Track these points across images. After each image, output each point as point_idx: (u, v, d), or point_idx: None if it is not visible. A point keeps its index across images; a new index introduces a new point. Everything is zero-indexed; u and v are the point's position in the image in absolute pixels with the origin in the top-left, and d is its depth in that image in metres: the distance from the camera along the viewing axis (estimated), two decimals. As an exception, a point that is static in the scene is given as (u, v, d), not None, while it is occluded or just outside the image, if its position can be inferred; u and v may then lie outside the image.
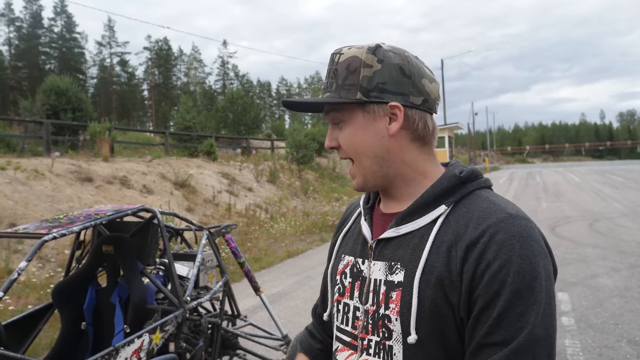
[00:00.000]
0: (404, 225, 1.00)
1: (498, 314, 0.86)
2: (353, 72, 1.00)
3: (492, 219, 0.91)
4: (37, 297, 5.88)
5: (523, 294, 0.86)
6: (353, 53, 1.01)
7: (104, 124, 14.40)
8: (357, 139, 1.02)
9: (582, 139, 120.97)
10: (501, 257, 0.87)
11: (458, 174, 1.01)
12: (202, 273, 3.29)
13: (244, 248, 9.12)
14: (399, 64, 1.00)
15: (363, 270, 1.05)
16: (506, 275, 0.86)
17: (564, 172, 39.03)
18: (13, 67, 62.65)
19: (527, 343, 0.84)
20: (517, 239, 0.88)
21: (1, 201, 7.88)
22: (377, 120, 1.01)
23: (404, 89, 1.00)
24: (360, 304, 1.03)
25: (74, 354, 2.69)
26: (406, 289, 0.94)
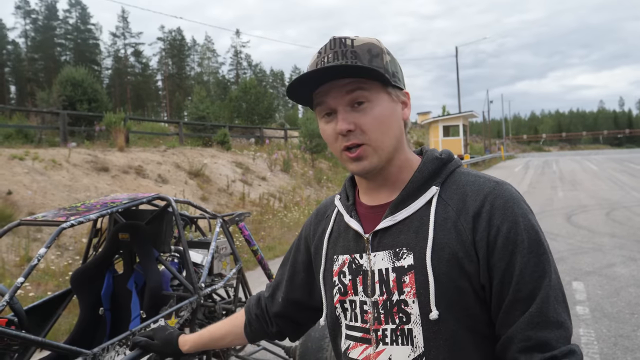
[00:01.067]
0: (399, 212, 1.03)
1: (520, 270, 0.95)
2: (376, 56, 1.02)
3: (486, 189, 1.00)
4: (56, 284, 5.99)
5: (534, 247, 0.96)
6: (368, 40, 1.04)
7: (119, 115, 14.54)
8: (385, 119, 1.01)
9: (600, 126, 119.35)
10: (507, 220, 0.96)
11: (439, 156, 1.08)
12: (216, 260, 3.33)
13: (257, 237, 9.18)
14: (396, 60, 1.08)
15: (363, 264, 1.06)
16: (516, 234, 0.95)
17: (581, 160, 38.58)
18: (29, 58, 63.36)
19: (550, 289, 0.94)
20: (512, 201, 0.99)
21: (20, 191, 8.02)
22: (397, 104, 1.06)
23: (404, 82, 1.09)
24: (366, 297, 1.04)
25: (92, 338, 2.75)
26: (419, 269, 0.97)
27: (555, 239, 8.44)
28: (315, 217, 1.26)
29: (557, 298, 0.94)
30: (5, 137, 12.91)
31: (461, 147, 31.62)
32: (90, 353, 2.14)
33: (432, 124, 33.72)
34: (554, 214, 11.41)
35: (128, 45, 72.12)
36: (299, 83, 1.01)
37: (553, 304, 0.93)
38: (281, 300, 1.30)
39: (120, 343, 2.29)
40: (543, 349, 0.91)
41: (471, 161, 29.91)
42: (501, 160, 43.66)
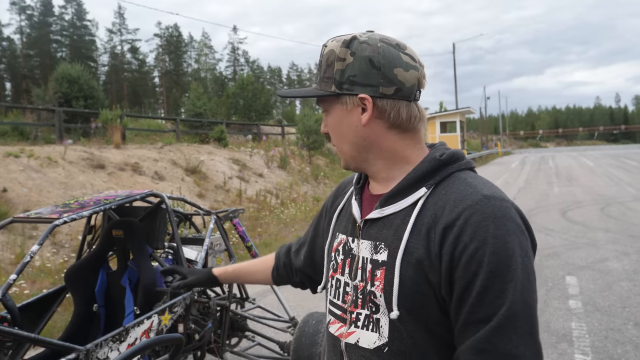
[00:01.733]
0: (388, 207, 1.05)
1: (478, 292, 0.90)
2: (330, 65, 1.05)
3: (468, 201, 0.95)
4: (52, 281, 6.00)
5: (500, 272, 0.89)
6: (332, 46, 1.06)
7: (115, 111, 14.51)
8: (337, 127, 1.09)
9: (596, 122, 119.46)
10: (477, 239, 0.91)
11: (438, 157, 1.04)
12: (210, 257, 3.35)
13: (254, 233, 9.20)
14: (369, 56, 1.02)
15: (353, 248, 1.10)
16: (482, 255, 0.90)
17: (577, 156, 38.67)
18: (25, 55, 63.03)
19: (507, 318, 0.89)
20: (491, 219, 0.92)
21: (15, 188, 8.02)
22: (351, 111, 1.05)
23: (372, 81, 1.02)
24: (350, 280, 1.09)
25: (86, 334, 2.77)
26: (389, 268, 0.99)
27: (550, 234, 8.49)
28: (337, 189, 1.32)
29: (517, 329, 0.89)
30: (1, 135, 12.89)
31: (458, 144, 31.67)
32: (84, 349, 2.16)
33: (429, 120, 33.73)
34: (549, 209, 11.45)
35: (124, 42, 71.83)
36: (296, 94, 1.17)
37: (508, 334, 0.88)
38: (303, 258, 1.40)
39: (113, 339, 2.31)
40: None
41: (468, 157, 29.88)
42: (498, 156, 43.71)
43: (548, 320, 4.58)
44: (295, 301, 5.36)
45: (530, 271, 0.93)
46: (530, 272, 0.93)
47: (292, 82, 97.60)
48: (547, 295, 5.28)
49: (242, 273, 1.61)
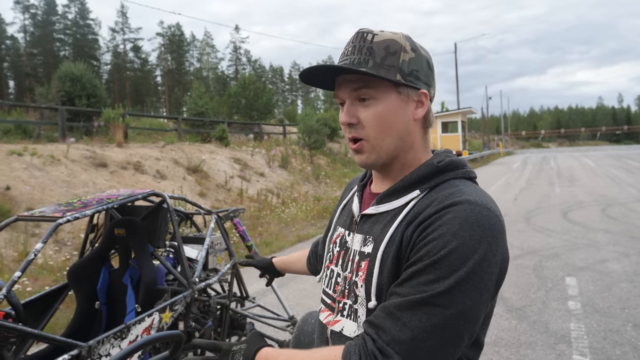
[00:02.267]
0: (383, 204, 1.09)
1: (412, 272, 0.93)
2: (393, 54, 1.04)
3: (449, 201, 0.97)
4: (54, 279, 6.04)
5: (440, 266, 0.90)
6: (391, 36, 1.06)
7: (117, 110, 14.56)
8: (386, 117, 1.05)
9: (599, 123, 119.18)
10: (437, 232, 0.93)
11: (436, 164, 1.07)
12: (210, 256, 3.38)
13: (255, 232, 9.24)
14: (427, 57, 1.09)
15: (348, 241, 1.16)
16: (434, 247, 0.92)
17: (579, 156, 38.62)
18: (28, 54, 63.18)
19: (421, 303, 0.89)
20: (460, 220, 0.93)
21: (18, 186, 8.06)
22: (407, 104, 1.07)
23: (429, 81, 1.09)
24: (341, 271, 1.14)
25: (88, 331, 2.80)
26: (372, 259, 1.04)
27: (550, 234, 8.50)
28: (347, 186, 1.38)
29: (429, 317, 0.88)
30: (4, 133, 12.94)
31: (459, 144, 31.69)
32: (86, 345, 2.19)
33: (430, 120, 33.72)
34: (550, 210, 11.46)
35: (127, 41, 71.94)
36: (311, 72, 1.09)
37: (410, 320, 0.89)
38: (320, 249, 1.48)
39: (115, 336, 2.35)
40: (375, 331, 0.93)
41: (470, 157, 29.96)
42: (500, 156, 43.68)
43: (547, 321, 4.61)
44: (294, 300, 5.40)
45: (482, 283, 0.91)
46: (481, 283, 0.91)
47: (294, 81, 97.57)
48: (547, 296, 5.30)
49: (290, 262, 1.81)
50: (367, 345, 0.92)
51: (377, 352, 0.90)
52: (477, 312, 0.92)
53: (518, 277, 5.97)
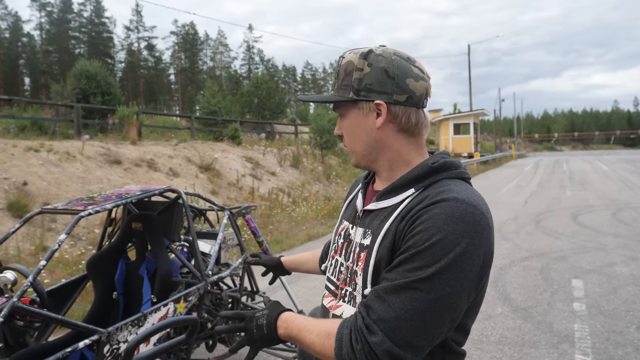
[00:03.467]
0: (382, 201, 1.21)
1: (399, 260, 1.05)
2: (348, 74, 1.20)
3: (438, 198, 1.07)
4: (70, 272, 6.20)
5: (424, 255, 1.01)
6: (350, 58, 1.21)
7: (131, 108, 14.76)
8: (352, 130, 1.24)
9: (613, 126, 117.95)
10: (423, 225, 1.04)
11: (430, 164, 1.18)
12: (223, 250, 3.50)
13: (265, 230, 9.36)
14: (385, 67, 1.17)
15: (351, 234, 1.28)
16: (420, 239, 1.03)
17: (592, 160, 38.35)
18: (44, 51, 63.98)
19: (405, 288, 1.01)
20: (445, 215, 1.03)
21: (35, 182, 8.26)
22: (367, 116, 1.20)
23: (387, 89, 1.17)
24: (344, 261, 1.27)
25: (106, 320, 2.93)
26: (369, 251, 1.16)
27: (559, 237, 8.53)
28: (353, 184, 1.51)
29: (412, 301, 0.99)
30: (21, 129, 13.18)
31: (471, 145, 31.63)
32: (105, 331, 2.31)
33: (442, 122, 33.72)
34: (560, 213, 11.47)
35: (141, 39, 72.56)
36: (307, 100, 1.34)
37: (394, 301, 1.01)
38: None
39: (132, 323, 2.47)
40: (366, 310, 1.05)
41: (481, 159, 29.89)
42: (512, 159, 43.49)
43: (551, 321, 4.67)
44: (303, 297, 5.50)
45: (463, 274, 1.01)
46: (463, 274, 1.01)
47: (306, 81, 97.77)
48: (552, 297, 5.36)
49: (300, 262, 1.87)
50: (357, 321, 1.05)
51: (364, 328, 1.03)
52: (456, 299, 1.02)
53: (525, 279, 6.03)
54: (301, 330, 1.13)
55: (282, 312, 1.19)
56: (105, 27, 68.75)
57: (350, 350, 1.02)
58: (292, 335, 1.15)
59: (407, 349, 1.00)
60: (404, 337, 1.00)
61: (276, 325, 1.17)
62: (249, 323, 1.19)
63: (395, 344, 0.99)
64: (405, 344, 1.00)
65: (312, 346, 1.10)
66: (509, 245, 8.04)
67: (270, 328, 1.16)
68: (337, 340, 1.05)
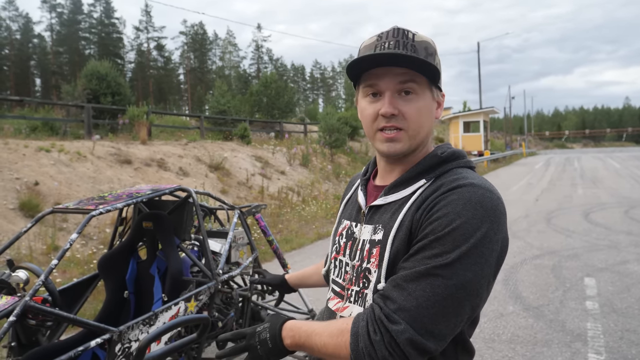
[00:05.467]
0: (391, 194, 1.18)
1: (418, 247, 1.02)
2: (431, 54, 1.14)
3: (454, 184, 1.06)
4: (81, 271, 6.24)
5: (444, 241, 0.98)
6: (426, 39, 1.16)
7: (141, 108, 14.83)
8: (423, 113, 1.14)
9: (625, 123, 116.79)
10: (442, 211, 1.02)
11: (440, 154, 1.17)
12: (233, 249, 3.50)
13: (275, 229, 9.37)
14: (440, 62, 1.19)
15: (355, 232, 1.24)
16: (439, 225, 1.00)
17: (604, 157, 37.98)
18: (55, 52, 64.47)
19: (425, 274, 0.98)
20: (464, 200, 1.01)
21: (46, 182, 8.32)
22: (434, 103, 1.18)
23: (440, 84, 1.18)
24: (349, 260, 1.23)
25: (117, 318, 2.94)
26: (383, 245, 1.12)
27: (570, 235, 8.46)
28: (348, 184, 1.47)
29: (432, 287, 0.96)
30: (32, 130, 13.29)
31: (481, 143, 31.45)
32: (117, 330, 2.32)
33: (452, 120, 33.58)
34: (572, 211, 11.37)
35: (151, 39, 72.83)
36: (359, 61, 1.13)
37: (414, 289, 0.97)
38: None
39: (144, 322, 2.48)
40: (383, 300, 1.01)
41: (491, 157, 29.72)
42: (522, 157, 43.20)
43: (564, 320, 4.63)
44: (314, 296, 5.48)
45: (484, 258, 0.99)
46: (483, 258, 0.99)
47: (315, 80, 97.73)
48: (564, 295, 5.31)
49: (304, 276, 1.77)
50: (375, 312, 1.01)
51: (384, 318, 0.98)
52: (478, 285, 0.99)
53: (536, 277, 5.98)
54: (310, 335, 1.08)
55: (285, 322, 1.14)
56: (115, 28, 69.10)
57: (369, 342, 0.98)
58: (300, 342, 1.09)
59: (429, 338, 0.96)
60: (426, 326, 0.97)
61: (281, 336, 1.10)
62: (250, 340, 1.13)
63: (418, 333, 0.96)
64: (428, 333, 0.96)
65: (324, 348, 1.05)
66: (520, 243, 7.98)
67: (275, 340, 1.10)
68: (353, 335, 1.00)
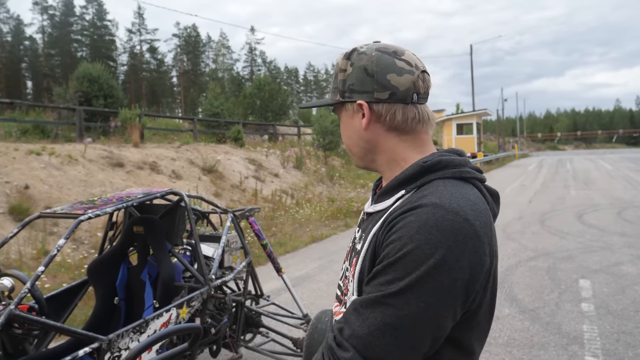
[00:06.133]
0: (379, 203, 1.14)
1: (375, 271, 0.97)
2: (336, 76, 1.18)
3: (417, 203, 0.98)
4: (72, 276, 6.16)
5: (396, 267, 0.92)
6: (338, 59, 1.18)
7: (134, 111, 14.75)
8: (345, 132, 1.21)
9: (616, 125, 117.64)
10: (396, 234, 0.95)
11: (422, 164, 1.07)
12: (226, 254, 3.45)
13: (269, 232, 9.31)
14: (364, 65, 1.11)
15: (355, 237, 1.20)
16: (392, 249, 0.94)
17: (595, 159, 38.17)
18: (46, 54, 64.09)
19: (377, 302, 0.93)
20: (419, 224, 0.93)
21: (37, 185, 8.22)
22: (353, 117, 1.16)
23: (367, 88, 1.11)
24: (348, 266, 1.19)
25: (107, 326, 2.88)
26: (359, 257, 1.08)
27: (565, 237, 8.46)
28: None
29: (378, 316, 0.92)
30: (23, 132, 13.17)
31: (474, 145, 31.52)
32: (106, 339, 2.26)
33: (445, 122, 33.64)
34: (565, 212, 11.39)
35: (144, 42, 72.52)
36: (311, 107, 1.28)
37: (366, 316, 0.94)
38: None
39: (134, 330, 2.41)
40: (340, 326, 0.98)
41: (485, 159, 29.78)
42: (515, 158, 43.35)
43: (560, 322, 4.60)
44: (308, 300, 5.44)
45: (441, 289, 0.91)
46: (441, 289, 0.91)
47: (309, 82, 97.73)
48: (560, 298, 5.29)
49: None
50: (328, 340, 1.00)
51: (335, 346, 0.96)
52: (435, 316, 0.92)
53: (531, 279, 5.96)
54: None
55: None
56: (108, 30, 68.79)
57: None
58: None
59: None
60: (377, 355, 0.92)
61: None
62: None
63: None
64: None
65: None
66: (515, 245, 7.97)
67: None
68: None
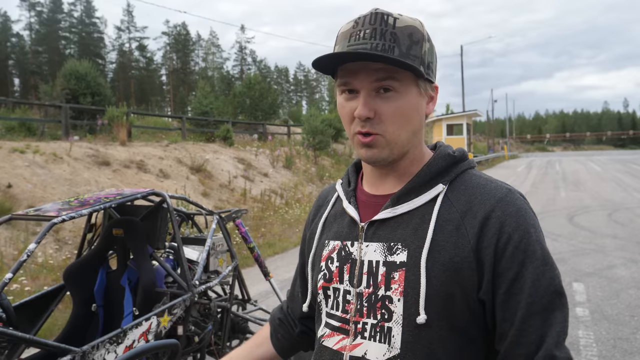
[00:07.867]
0: (401, 205, 0.98)
1: (533, 281, 0.89)
2: (416, 43, 0.94)
3: (498, 194, 0.94)
4: (54, 278, 5.98)
5: (547, 260, 0.91)
6: (412, 22, 0.95)
7: (121, 109, 14.50)
8: (406, 112, 0.95)
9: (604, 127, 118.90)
10: (520, 229, 0.90)
11: (452, 153, 1.01)
12: (212, 257, 3.30)
13: (258, 233, 9.16)
14: (435, 48, 1.01)
15: (352, 252, 1.02)
16: (527, 244, 0.90)
17: (584, 161, 38.40)
18: (34, 51, 63.35)
19: (558, 302, 0.90)
20: (524, 211, 0.93)
21: (20, 184, 8.01)
22: (423, 98, 0.98)
23: (436, 72, 1.01)
24: (351, 287, 1.00)
25: (84, 335, 2.72)
26: (411, 268, 0.92)
27: (556, 239, 8.39)
28: (316, 202, 1.22)
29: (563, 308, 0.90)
30: (8, 130, 12.90)
31: (464, 146, 31.60)
32: (80, 351, 2.11)
33: (435, 123, 33.69)
34: (556, 214, 11.35)
35: (133, 40, 72.03)
36: (327, 58, 0.94)
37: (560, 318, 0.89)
38: (300, 294, 1.24)
39: (111, 341, 2.26)
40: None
41: (474, 160, 29.82)
42: (504, 159, 43.50)
43: (554, 327, 4.51)
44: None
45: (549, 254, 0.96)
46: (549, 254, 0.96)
47: (299, 82, 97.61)
48: (554, 301, 5.20)
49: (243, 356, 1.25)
50: None
51: None
52: None
53: (524, 283, 5.87)
54: None
55: None
56: (96, 28, 68.20)
57: None
58: None
59: None
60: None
61: None
62: None
63: None
64: None
65: None
66: (507, 247, 7.89)
67: None
68: None
